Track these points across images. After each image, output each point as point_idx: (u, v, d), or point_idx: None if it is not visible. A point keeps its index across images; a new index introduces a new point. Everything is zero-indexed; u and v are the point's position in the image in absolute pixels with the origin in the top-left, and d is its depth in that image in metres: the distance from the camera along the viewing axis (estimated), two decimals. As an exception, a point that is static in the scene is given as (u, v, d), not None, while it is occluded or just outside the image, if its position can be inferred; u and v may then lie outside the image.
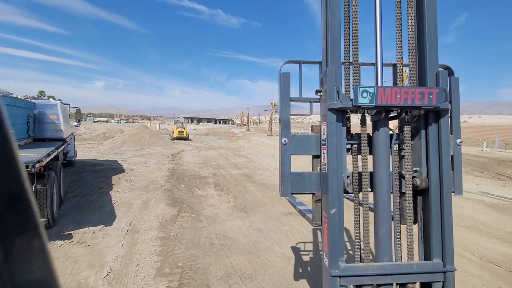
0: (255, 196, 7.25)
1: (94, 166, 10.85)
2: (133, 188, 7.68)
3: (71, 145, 10.46)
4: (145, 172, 10.00)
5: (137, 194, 7.13)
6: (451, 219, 1.39)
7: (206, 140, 28.75)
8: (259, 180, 9.32)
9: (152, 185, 8.08)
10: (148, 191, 7.40)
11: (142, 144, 18.85)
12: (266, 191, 7.83)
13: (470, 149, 20.53)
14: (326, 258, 1.39)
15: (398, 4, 1.47)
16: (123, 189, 7.52)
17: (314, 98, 1.61)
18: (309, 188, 1.52)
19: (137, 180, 8.63)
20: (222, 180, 9.08)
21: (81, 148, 16.86)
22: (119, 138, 19.83)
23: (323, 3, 1.45)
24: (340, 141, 1.39)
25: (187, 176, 9.63)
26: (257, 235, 4.75)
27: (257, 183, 8.79)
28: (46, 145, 6.62)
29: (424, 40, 1.41)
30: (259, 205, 6.49)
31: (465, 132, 37.66)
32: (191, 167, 11.56)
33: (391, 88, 1.29)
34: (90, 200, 6.42)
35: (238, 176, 9.92)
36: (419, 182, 1.43)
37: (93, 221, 5.14)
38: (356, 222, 1.45)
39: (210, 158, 14.42)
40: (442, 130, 1.40)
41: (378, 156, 1.43)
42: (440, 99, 1.30)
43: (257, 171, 11.06)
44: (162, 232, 4.74)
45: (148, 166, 11.31)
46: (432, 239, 1.40)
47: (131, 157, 13.83)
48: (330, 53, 1.40)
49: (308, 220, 1.74)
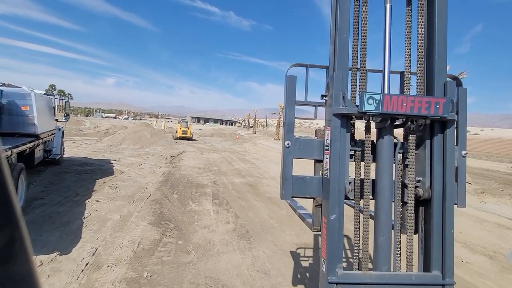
0: (261, 216, 5.93)
1: (82, 166, 9.72)
2: (115, 197, 6.47)
3: (56, 142, 9.36)
4: (136, 176, 8.80)
5: (118, 205, 5.90)
6: (452, 231, 1.38)
7: (211, 141, 27.57)
8: (265, 192, 8.01)
9: (140, 194, 6.85)
10: (132, 202, 6.18)
11: (142, 143, 17.77)
12: (273, 208, 6.51)
13: (497, 165, 18.72)
14: (323, 264, 1.38)
15: (408, 12, 1.47)
16: (104, 198, 6.30)
17: (320, 102, 1.59)
18: (310, 193, 1.50)
19: (124, 186, 7.42)
20: (222, 191, 7.79)
21: (77, 145, 15.88)
22: (119, 136, 18.79)
23: (333, 8, 1.43)
24: (344, 147, 1.39)
25: (183, 183, 8.38)
26: (262, 282, 3.43)
27: (263, 197, 7.47)
28: (13, 142, 5.47)
29: (433, 49, 1.41)
30: (266, 229, 5.17)
31: (484, 146, 35.83)
32: (190, 171, 10.32)
33: (398, 96, 1.29)
34: (58, 212, 5.21)
35: (241, 186, 8.62)
36: (421, 192, 1.42)
37: (48, 245, 3.91)
38: (356, 229, 1.45)
39: (212, 162, 13.17)
40: (448, 141, 1.39)
41: (381, 163, 1.43)
42: (447, 110, 1.29)
43: (263, 180, 9.74)
44: (133, 270, 3.47)
45: (141, 169, 10.12)
46: (432, 250, 1.38)
47: (126, 157, 12.70)
48: (337, 58, 1.39)
49: (307, 224, 1.69)
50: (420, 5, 1.45)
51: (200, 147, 20.25)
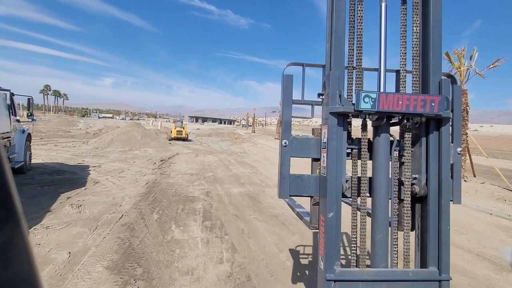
0: (266, 246, 4.38)
1: (52, 175, 8.17)
2: (75, 221, 4.92)
3: (17, 147, 7.79)
4: (113, 188, 7.25)
5: (73, 234, 4.36)
6: (448, 228, 1.39)
7: (208, 141, 25.97)
8: (269, 207, 6.44)
9: (109, 214, 5.30)
10: (94, 228, 4.63)
11: (132, 145, 16.21)
12: (282, 232, 4.96)
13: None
14: (321, 262, 1.38)
15: (403, 11, 1.48)
16: (58, 223, 4.76)
17: (316, 101, 1.60)
18: (307, 191, 1.51)
19: (92, 204, 5.87)
20: (216, 206, 6.24)
21: (58, 148, 14.33)
22: (107, 137, 17.20)
23: (329, 7, 1.45)
24: (341, 145, 1.39)
25: (169, 196, 6.83)
26: None
27: (267, 214, 5.91)
28: None
29: (428, 48, 1.43)
30: (275, 273, 3.62)
31: (495, 143, 34.02)
32: (180, 179, 8.77)
33: (393, 94, 1.30)
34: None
35: (240, 198, 7.07)
36: (418, 189, 1.43)
37: None
38: (353, 227, 1.46)
39: (207, 167, 11.61)
40: (443, 138, 1.41)
41: (378, 161, 1.43)
42: (442, 107, 1.31)
43: (265, 189, 8.17)
44: None
45: (122, 177, 8.57)
46: (428, 247, 1.40)
47: (109, 162, 11.14)
48: (334, 57, 1.41)
49: (305, 223, 1.68)
50: (414, 4, 1.45)
51: (195, 149, 18.67)
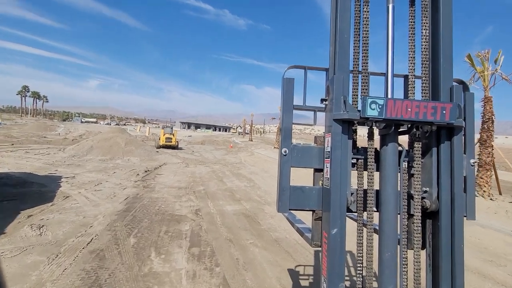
0: (266, 282, 3.60)
1: (15, 187, 7.17)
2: (32, 246, 4.02)
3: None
4: (85, 204, 6.32)
5: (27, 264, 3.47)
6: (462, 246, 1.29)
7: (200, 150, 24.99)
8: (269, 229, 5.66)
9: (76, 238, 4.42)
10: (55, 257, 3.75)
11: (114, 153, 15.14)
12: (285, 262, 4.22)
13: None
14: (324, 283, 1.27)
15: (412, 13, 1.42)
16: (11, 249, 3.85)
17: (319, 107, 1.51)
18: (309, 205, 1.38)
19: (57, 224, 4.96)
20: (206, 229, 5.44)
21: (30, 155, 13.11)
22: (86, 144, 16.05)
23: (333, 6, 1.38)
24: (345, 155, 1.29)
25: (151, 214, 5.98)
26: None
27: (267, 239, 5.15)
28: None
29: (438, 51, 1.35)
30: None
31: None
32: (165, 194, 7.91)
33: (402, 101, 1.22)
34: None
35: (235, 217, 6.29)
36: (428, 204, 1.32)
37: None
38: (359, 244, 1.34)
39: (198, 179, 10.76)
40: (455, 149, 1.32)
41: (386, 173, 1.33)
42: (454, 115, 1.23)
43: (264, 207, 7.40)
44: None
45: (99, 190, 7.63)
46: (441, 267, 1.29)
47: (85, 172, 10.12)
48: (338, 60, 1.32)
49: (306, 239, 1.54)
50: (423, 6, 1.38)
51: (185, 158, 17.73)
